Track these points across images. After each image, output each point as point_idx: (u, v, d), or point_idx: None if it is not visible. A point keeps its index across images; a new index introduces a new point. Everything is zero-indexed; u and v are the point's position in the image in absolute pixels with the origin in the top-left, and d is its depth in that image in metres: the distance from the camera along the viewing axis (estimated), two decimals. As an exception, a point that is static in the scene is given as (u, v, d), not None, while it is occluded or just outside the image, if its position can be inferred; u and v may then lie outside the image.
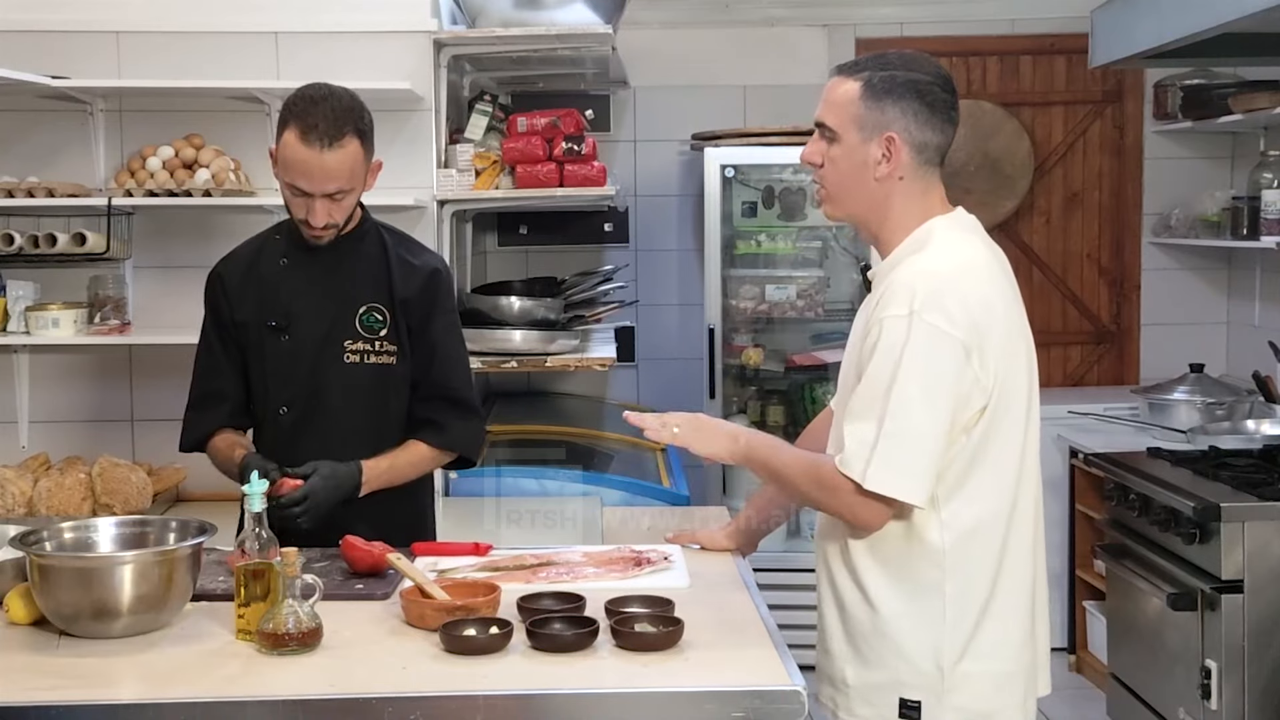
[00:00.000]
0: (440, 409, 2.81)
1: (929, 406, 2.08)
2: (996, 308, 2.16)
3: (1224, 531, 3.53)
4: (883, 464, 2.07)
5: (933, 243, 2.20)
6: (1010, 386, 2.16)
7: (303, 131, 2.58)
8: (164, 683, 1.99)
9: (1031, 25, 5.52)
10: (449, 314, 2.86)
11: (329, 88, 2.67)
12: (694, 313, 5.27)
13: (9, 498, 3.56)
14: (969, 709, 2.16)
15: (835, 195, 2.27)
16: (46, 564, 2.15)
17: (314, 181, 2.60)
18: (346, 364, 2.74)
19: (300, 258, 2.77)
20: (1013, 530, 2.19)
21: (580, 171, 3.98)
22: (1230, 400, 4.58)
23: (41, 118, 3.85)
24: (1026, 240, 5.64)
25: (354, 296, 2.76)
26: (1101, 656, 4.62)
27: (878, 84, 2.20)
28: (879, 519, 2.12)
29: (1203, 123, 5.07)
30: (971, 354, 2.10)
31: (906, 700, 2.16)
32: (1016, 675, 2.20)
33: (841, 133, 2.22)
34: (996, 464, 2.16)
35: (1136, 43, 4.19)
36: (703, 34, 5.44)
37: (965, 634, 2.15)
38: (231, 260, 2.86)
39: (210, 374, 2.82)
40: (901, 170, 2.21)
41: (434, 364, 2.80)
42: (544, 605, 2.24)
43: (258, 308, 2.76)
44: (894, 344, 2.09)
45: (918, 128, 2.20)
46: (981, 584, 2.16)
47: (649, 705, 1.94)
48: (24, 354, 3.91)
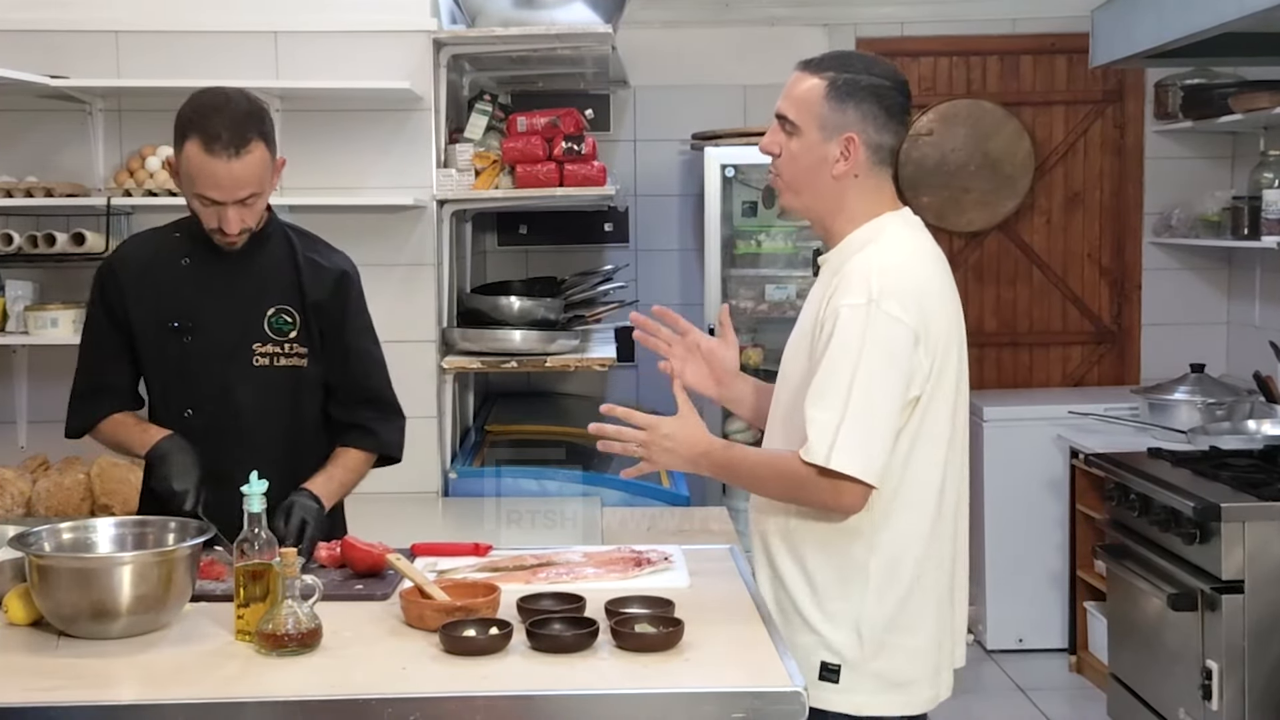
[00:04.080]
0: (363, 412, 2.78)
1: (887, 389, 2.17)
2: (940, 301, 2.27)
3: (1224, 532, 3.53)
4: (845, 446, 2.14)
5: (885, 236, 2.30)
6: (943, 380, 2.25)
7: (205, 142, 2.50)
8: (163, 683, 1.99)
9: (1032, 25, 5.52)
10: (362, 314, 2.82)
11: (225, 93, 2.59)
12: (694, 313, 5.26)
13: (8, 498, 3.56)
14: (885, 677, 2.26)
15: (792, 186, 2.37)
16: (45, 564, 2.15)
17: (224, 191, 2.53)
18: (256, 367, 2.68)
19: (204, 258, 2.69)
20: (937, 515, 2.28)
21: (580, 171, 3.98)
22: (1231, 400, 4.58)
23: (41, 117, 3.85)
24: (1027, 240, 5.64)
25: (262, 298, 2.70)
26: (1102, 657, 4.62)
27: (842, 86, 2.30)
28: (857, 500, 2.19)
29: (1203, 122, 5.06)
30: (919, 342, 2.19)
31: (827, 663, 2.25)
32: (929, 650, 2.29)
33: (803, 128, 2.32)
34: (925, 452, 2.25)
35: (1137, 42, 4.19)
36: (703, 34, 5.44)
37: (888, 608, 2.25)
38: (125, 256, 2.77)
39: (99, 365, 2.73)
40: (857, 169, 2.31)
41: (351, 367, 2.77)
42: (544, 606, 2.24)
43: (156, 308, 2.68)
44: (853, 332, 2.17)
45: (875, 130, 2.30)
46: (905, 564, 2.25)
47: (649, 706, 1.93)
48: (23, 354, 3.91)
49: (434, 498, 3.90)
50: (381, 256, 3.85)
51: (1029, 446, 5.01)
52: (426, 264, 3.93)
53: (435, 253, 3.95)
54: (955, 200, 5.52)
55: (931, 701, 2.31)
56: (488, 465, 4.10)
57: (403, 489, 3.78)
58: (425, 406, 3.87)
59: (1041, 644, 5.13)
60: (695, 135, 5.16)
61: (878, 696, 2.26)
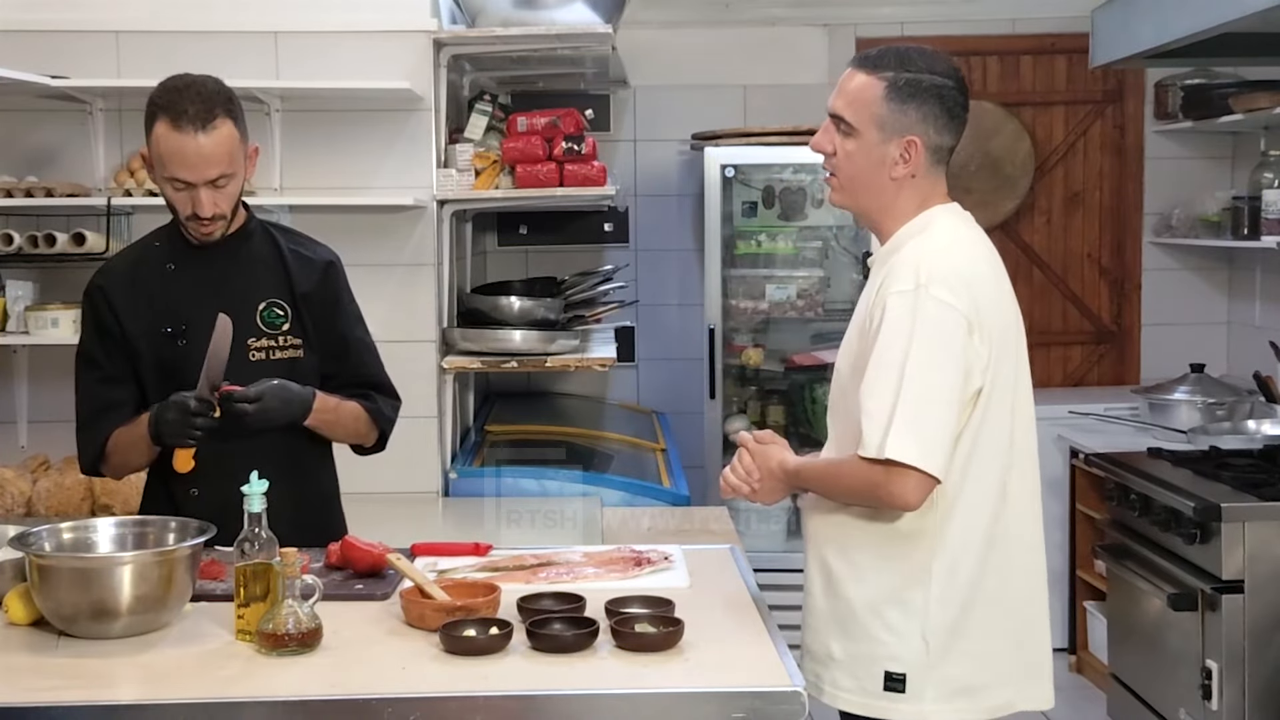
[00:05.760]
0: (364, 394, 2.81)
1: (942, 376, 2.11)
2: (991, 293, 2.23)
3: (1224, 532, 3.53)
4: (900, 433, 2.08)
5: (934, 227, 2.26)
6: (1000, 372, 2.20)
7: (173, 119, 2.52)
8: (163, 683, 1.99)
9: (1032, 25, 5.52)
10: (351, 303, 2.85)
11: (191, 76, 2.60)
12: (694, 313, 5.27)
13: (8, 498, 3.56)
14: (955, 681, 2.19)
15: (846, 187, 2.31)
16: (46, 564, 2.15)
17: (194, 170, 2.54)
18: (252, 362, 2.67)
19: (188, 261, 2.70)
20: (1002, 518, 2.22)
21: (580, 171, 3.98)
22: (1231, 400, 4.58)
23: (41, 118, 3.85)
24: (1027, 240, 5.64)
25: (251, 294, 2.71)
26: (1102, 657, 4.62)
27: (903, 86, 2.23)
28: (916, 494, 2.10)
29: (1203, 123, 5.06)
30: (973, 330, 2.15)
31: (891, 672, 2.19)
32: (1001, 655, 2.23)
33: (860, 129, 2.25)
34: (985, 451, 2.19)
35: (1137, 42, 4.19)
36: (703, 34, 5.44)
37: (953, 612, 2.18)
38: (111, 272, 2.76)
39: (99, 391, 2.71)
40: (916, 170, 2.26)
41: (348, 356, 2.80)
42: (544, 605, 2.24)
43: (149, 316, 2.68)
44: (901, 318, 2.12)
45: (936, 131, 2.25)
46: (968, 566, 2.19)
47: (649, 706, 1.93)
48: (23, 354, 3.91)
49: (434, 498, 3.90)
50: (382, 256, 3.85)
51: (1029, 446, 5.00)
52: (427, 264, 3.93)
53: (435, 253, 3.95)
54: (956, 200, 5.50)
55: (1007, 707, 2.23)
56: (488, 465, 4.11)
57: (403, 489, 3.79)
58: (425, 406, 3.86)
59: (1041, 644, 5.13)
60: (695, 135, 5.16)
61: (944, 705, 2.19)
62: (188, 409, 2.50)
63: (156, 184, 2.63)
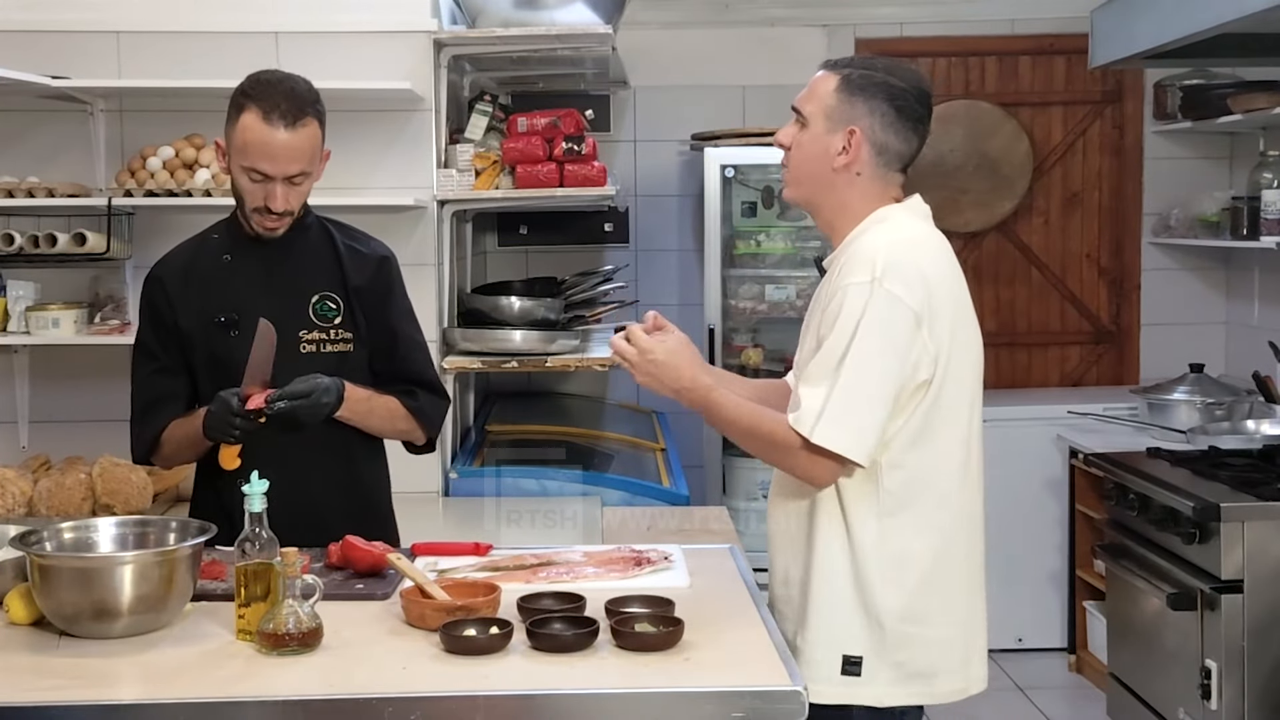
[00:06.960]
0: (409, 390, 2.81)
1: (881, 371, 2.18)
2: (947, 287, 2.27)
3: (1223, 531, 3.54)
4: (831, 421, 2.17)
5: (891, 220, 2.31)
6: (956, 366, 2.25)
7: (265, 112, 2.55)
8: (164, 683, 1.99)
9: (1031, 25, 5.52)
10: (404, 299, 2.86)
11: (283, 72, 2.65)
12: (694, 313, 5.27)
13: (9, 498, 3.56)
14: (907, 666, 2.26)
15: (795, 178, 2.38)
16: (47, 564, 2.15)
17: (278, 163, 2.57)
18: (303, 354, 2.69)
19: (245, 252, 2.72)
20: (955, 508, 2.28)
21: (580, 171, 3.99)
22: (1230, 400, 4.58)
23: (41, 118, 3.86)
24: (1025, 240, 5.65)
25: (305, 286, 2.73)
26: (1101, 656, 4.62)
27: (855, 80, 2.30)
28: (828, 475, 2.22)
29: (1202, 123, 5.07)
30: (922, 324, 2.20)
31: (849, 656, 2.26)
32: (955, 641, 2.30)
33: (811, 120, 2.32)
34: (940, 441, 2.26)
35: (1136, 43, 4.19)
36: (702, 34, 5.44)
37: (905, 598, 2.25)
38: (169, 263, 2.78)
39: (154, 381, 2.73)
40: (859, 166, 2.30)
41: (397, 351, 2.80)
42: (544, 605, 2.24)
43: (202, 306, 2.70)
44: (854, 310, 2.18)
45: (882, 128, 2.29)
46: (921, 553, 2.26)
47: (649, 705, 1.94)
48: (24, 354, 3.92)
49: (434, 497, 3.90)
50: (382, 257, 3.85)
51: (1028, 446, 5.01)
52: (427, 264, 3.93)
53: (436, 253, 3.95)
54: (953, 201, 5.52)
55: (960, 693, 2.31)
56: (488, 465, 4.11)
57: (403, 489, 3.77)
58: (425, 406, 3.86)
59: (1041, 643, 5.14)
60: (695, 136, 5.16)
61: (899, 687, 2.26)
62: (231, 408, 2.51)
63: (229, 172, 2.65)
